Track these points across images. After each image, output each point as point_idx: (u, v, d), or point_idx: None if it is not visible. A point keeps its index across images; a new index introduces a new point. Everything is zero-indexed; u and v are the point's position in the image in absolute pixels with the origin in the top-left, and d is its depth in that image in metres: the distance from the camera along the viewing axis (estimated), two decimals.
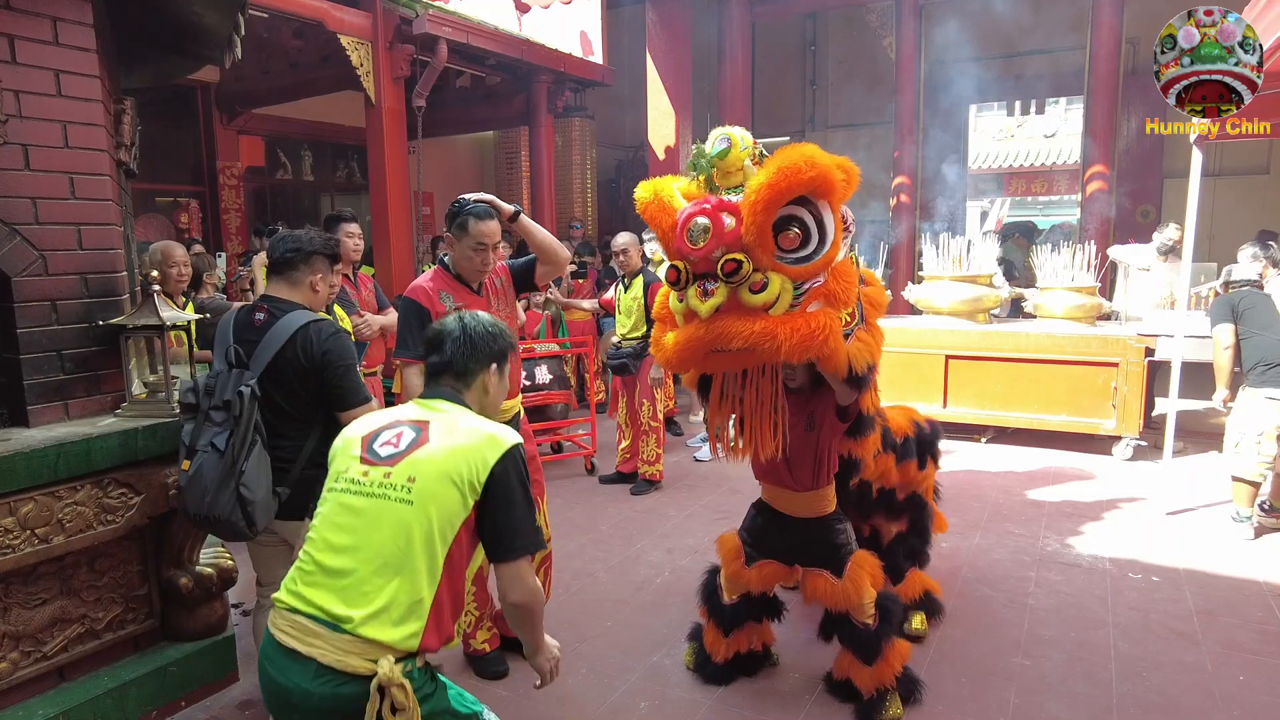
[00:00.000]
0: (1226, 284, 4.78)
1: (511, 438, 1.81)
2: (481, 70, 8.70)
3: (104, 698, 2.66)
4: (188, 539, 2.93)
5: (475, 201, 3.00)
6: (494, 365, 1.98)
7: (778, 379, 2.60)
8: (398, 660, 1.64)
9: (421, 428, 1.80)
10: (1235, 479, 4.46)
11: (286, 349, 2.45)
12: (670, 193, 2.38)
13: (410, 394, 2.78)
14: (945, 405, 6.44)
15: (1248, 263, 4.85)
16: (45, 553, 2.51)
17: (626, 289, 5.48)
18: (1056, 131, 16.94)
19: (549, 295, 6.67)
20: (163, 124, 8.28)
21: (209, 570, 3.01)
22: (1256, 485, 4.41)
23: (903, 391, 6.55)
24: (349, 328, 3.88)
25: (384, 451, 1.76)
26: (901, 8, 9.30)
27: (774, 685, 3.05)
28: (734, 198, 2.25)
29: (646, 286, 5.32)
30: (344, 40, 6.98)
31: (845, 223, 2.42)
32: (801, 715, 2.84)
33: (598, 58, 9.60)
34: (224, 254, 8.07)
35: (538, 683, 1.99)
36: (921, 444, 3.32)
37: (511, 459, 1.78)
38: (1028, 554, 4.23)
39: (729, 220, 2.18)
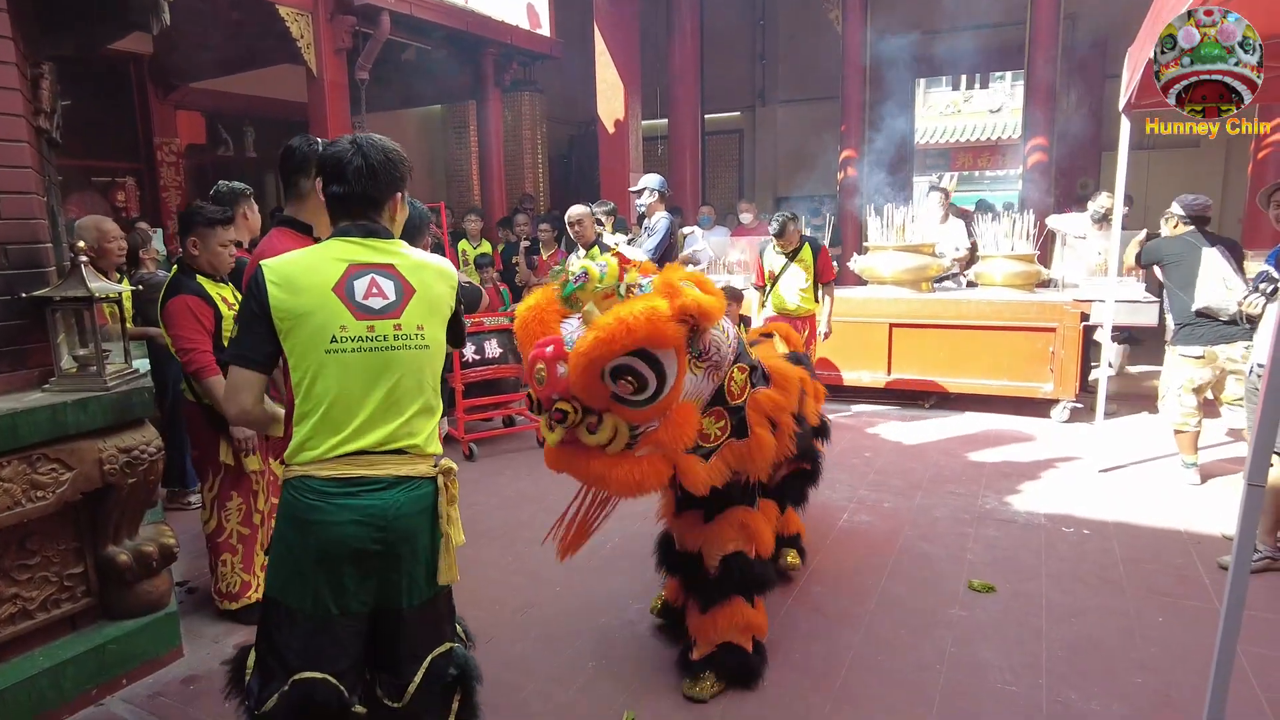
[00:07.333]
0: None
1: (449, 266, 2.03)
2: (427, 43, 8.54)
3: (40, 677, 2.61)
4: (124, 515, 2.88)
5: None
6: (400, 194, 1.98)
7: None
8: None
9: (392, 273, 1.87)
10: (1175, 431, 4.73)
11: None
12: (549, 313, 2.39)
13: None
14: (890, 372, 6.58)
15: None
16: None
17: None
18: (1002, 106, 17.25)
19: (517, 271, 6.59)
20: (95, 99, 7.96)
21: (149, 547, 2.96)
22: (1195, 434, 4.68)
23: (849, 359, 6.68)
24: None
25: (376, 305, 1.83)
26: None
27: None
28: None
29: None
30: (283, 11, 6.79)
31: (716, 349, 2.44)
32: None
33: (545, 30, 9.49)
34: (162, 230, 7.80)
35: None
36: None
37: (457, 281, 2.04)
38: (967, 512, 4.36)
39: (562, 369, 2.23)
